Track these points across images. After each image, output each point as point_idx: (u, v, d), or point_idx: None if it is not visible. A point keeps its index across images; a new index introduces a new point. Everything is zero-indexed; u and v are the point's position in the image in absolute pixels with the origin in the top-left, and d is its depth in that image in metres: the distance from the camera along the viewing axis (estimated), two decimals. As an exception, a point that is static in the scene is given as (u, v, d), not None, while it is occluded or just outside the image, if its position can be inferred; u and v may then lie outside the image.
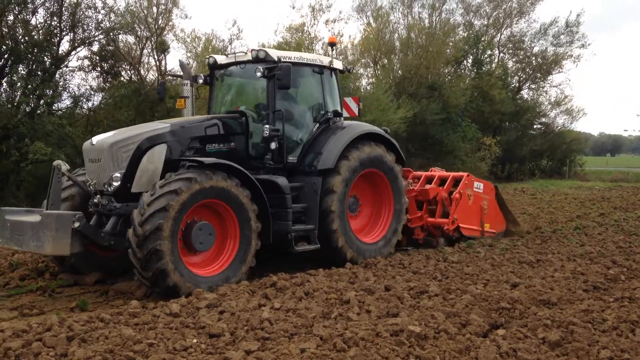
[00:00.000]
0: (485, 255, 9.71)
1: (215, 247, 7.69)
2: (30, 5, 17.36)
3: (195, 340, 5.27)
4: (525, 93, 37.38)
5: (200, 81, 9.68)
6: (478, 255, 9.73)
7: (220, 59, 9.54)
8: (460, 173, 11.80)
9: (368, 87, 29.41)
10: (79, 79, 29.74)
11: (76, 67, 19.49)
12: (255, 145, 8.93)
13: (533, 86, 37.17)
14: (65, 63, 18.72)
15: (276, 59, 8.76)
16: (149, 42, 21.01)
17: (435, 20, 30.55)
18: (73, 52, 18.82)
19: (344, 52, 27.59)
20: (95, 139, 7.92)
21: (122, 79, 20.70)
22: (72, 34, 18.27)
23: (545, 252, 10.13)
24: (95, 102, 20.04)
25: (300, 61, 9.28)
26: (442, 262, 9.20)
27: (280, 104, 8.94)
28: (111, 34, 19.15)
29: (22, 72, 17.48)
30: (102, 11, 18.61)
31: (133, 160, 7.64)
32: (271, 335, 5.45)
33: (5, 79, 17.30)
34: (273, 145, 8.67)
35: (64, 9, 17.80)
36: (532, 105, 36.28)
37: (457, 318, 5.91)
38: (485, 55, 33.88)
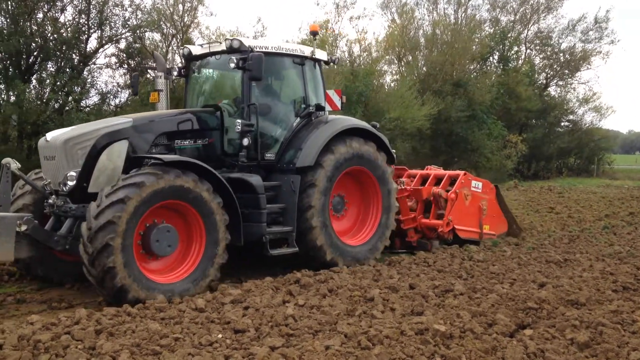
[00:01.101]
0: (511, 254, 9.59)
1: (179, 251, 7.14)
2: (59, 3, 17.63)
3: (220, 336, 5.30)
4: (552, 90, 36.89)
5: (175, 73, 9.25)
6: (504, 254, 9.62)
7: (196, 50, 8.98)
8: (457, 172, 11.15)
9: (392, 84, 29.29)
10: (107, 76, 30.09)
11: (103, 65, 19.75)
12: (231, 142, 8.40)
13: (560, 83, 36.66)
14: (93, 60, 18.98)
15: (254, 49, 8.21)
16: (174, 39, 21.18)
17: (461, 16, 30.31)
18: (100, 50, 19.08)
19: (368, 48, 27.50)
20: (50, 135, 7.40)
21: (148, 76, 20.92)
22: (99, 31, 18.51)
23: (573, 252, 9.98)
24: (122, 99, 20.28)
25: (277, 51, 8.65)
26: (468, 260, 9.11)
27: (256, 97, 8.41)
28: (138, 31, 19.35)
29: (51, 69, 17.77)
30: (129, 9, 18.82)
31: (90, 158, 7.08)
32: (295, 331, 5.45)
33: (34, 76, 17.60)
34: (246, 142, 8.07)
35: (91, 6, 18.04)
36: (560, 103, 35.76)
37: (483, 317, 5.84)
38: (512, 52, 33.46)
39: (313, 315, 5.96)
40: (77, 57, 18.13)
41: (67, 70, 17.63)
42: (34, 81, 17.66)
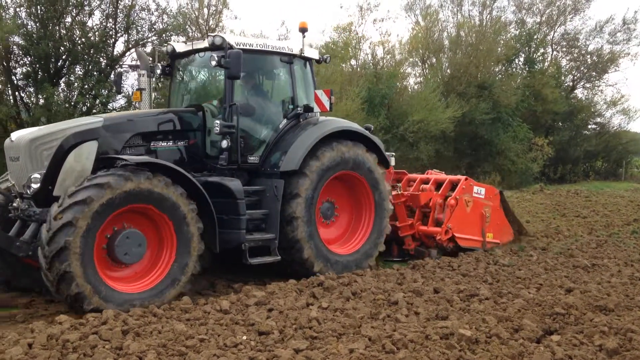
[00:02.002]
0: (537, 259, 9.46)
1: (147, 258, 6.73)
2: (87, 8, 17.94)
3: (245, 337, 5.33)
4: (579, 92, 36.30)
5: (158, 72, 8.76)
6: (530, 259, 9.50)
7: (180, 47, 8.60)
8: (458, 176, 10.68)
9: (416, 87, 29.17)
10: (133, 79, 30.60)
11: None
12: (213, 144, 8.01)
13: (588, 85, 36.06)
14: (120, 63, 19.27)
15: (234, 45, 7.78)
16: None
17: (486, 18, 30.01)
18: (127, 53, 19.35)
19: (391, 51, 27.45)
20: (15, 135, 7.11)
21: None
22: (126, 35, 18.79)
23: (601, 257, 9.81)
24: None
25: (262, 49, 8.24)
26: (493, 265, 9.02)
27: (239, 96, 8.11)
28: (164, 35, 19.59)
29: (79, 72, 18.08)
30: (155, 13, 19.06)
31: (56, 159, 6.70)
32: (319, 334, 5.46)
33: (63, 79, 17.94)
34: (225, 143, 7.70)
35: (119, 11, 18.32)
36: (587, 105, 35.18)
37: (509, 322, 5.78)
38: (538, 54, 33.05)
39: (337, 318, 5.96)
40: (105, 61, 18.41)
41: (95, 73, 17.93)
42: (63, 84, 18.00)
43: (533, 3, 33.84)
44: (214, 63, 7.56)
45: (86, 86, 17.55)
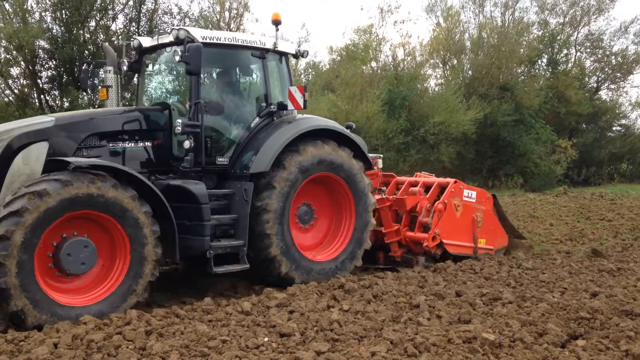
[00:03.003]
0: (562, 263, 9.33)
1: (99, 268, 6.26)
2: (110, 12, 18.22)
3: (266, 339, 5.33)
4: (603, 93, 35.88)
5: (125, 68, 8.23)
6: (554, 263, 9.37)
7: (146, 42, 8.07)
8: (447, 179, 10.01)
9: (436, 88, 29.05)
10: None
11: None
12: (180, 144, 7.46)
13: (612, 86, 35.66)
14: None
15: (200, 39, 7.28)
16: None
17: (508, 19, 29.80)
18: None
19: (412, 52, 27.37)
20: None
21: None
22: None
23: (627, 261, 9.63)
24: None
25: (231, 42, 7.72)
26: (516, 268, 8.91)
27: (207, 93, 7.76)
28: (186, 38, 19.77)
29: (103, 75, 18.34)
30: (178, 16, 19.31)
31: (2, 161, 6.21)
32: (341, 337, 5.44)
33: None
34: (187, 144, 7.18)
35: (142, 14, 18.59)
36: (611, 106, 34.75)
37: (533, 327, 5.70)
38: (561, 55, 32.74)
39: (358, 321, 5.94)
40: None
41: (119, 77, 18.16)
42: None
43: (556, 4, 33.58)
44: (177, 58, 7.11)
45: (110, 89, 17.77)
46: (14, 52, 17.02)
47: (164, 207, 6.54)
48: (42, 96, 17.94)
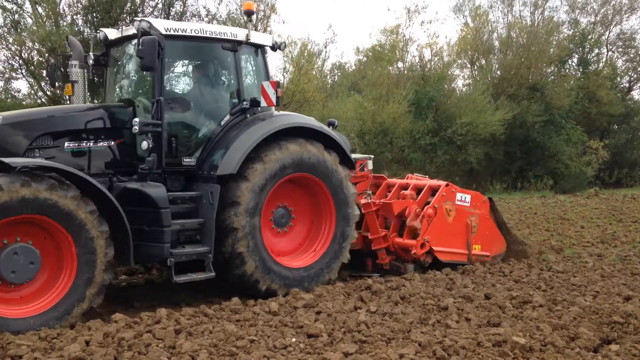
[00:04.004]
0: (593, 266, 9.15)
1: (42, 277, 5.82)
2: (140, 15, 18.46)
3: (294, 340, 5.35)
4: (636, 93, 35.27)
5: (91, 62, 7.67)
6: (585, 265, 9.19)
7: (112, 34, 7.60)
8: (439, 182, 9.45)
9: (464, 89, 28.79)
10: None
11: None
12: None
13: (645, 86, 34.77)
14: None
15: (163, 31, 6.83)
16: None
17: (538, 18, 29.38)
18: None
19: (439, 53, 27.18)
20: None
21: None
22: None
23: (661, 264, 9.40)
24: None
25: (198, 35, 7.18)
26: (546, 271, 8.77)
27: (172, 89, 7.30)
28: (213, 40, 19.96)
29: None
30: (205, 19, 19.46)
31: None
32: (368, 338, 5.42)
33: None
34: (145, 145, 6.75)
35: (170, 17, 18.78)
36: (644, 107, 33.94)
37: (564, 331, 5.60)
38: (592, 54, 32.15)
39: (385, 323, 5.92)
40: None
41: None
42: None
43: (587, 2, 32.96)
44: (133, 52, 6.59)
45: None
46: (47, 54, 17.37)
47: (115, 208, 6.07)
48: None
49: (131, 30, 7.19)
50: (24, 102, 18.44)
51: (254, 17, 7.68)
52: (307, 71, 21.54)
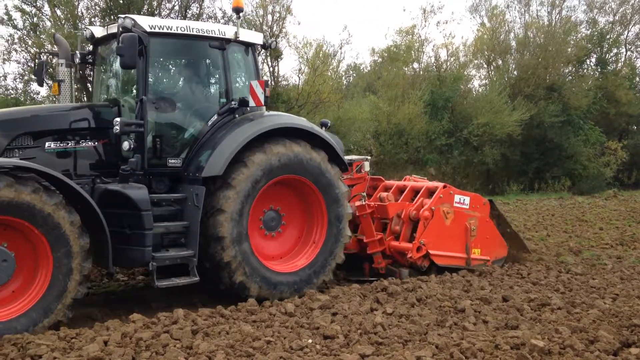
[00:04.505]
0: (613, 268, 9.05)
1: (18, 280, 5.64)
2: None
3: (310, 341, 5.34)
4: (656, 94, 34.53)
5: (77, 60, 7.48)
6: (605, 268, 9.09)
7: (98, 32, 7.42)
8: (436, 183, 9.19)
9: (480, 89, 28.61)
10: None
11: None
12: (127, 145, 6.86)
13: (665, 86, 34.25)
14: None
15: (147, 29, 6.65)
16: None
17: (555, 18, 29.10)
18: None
19: (455, 53, 27.04)
20: None
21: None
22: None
23: (683, 267, 9.26)
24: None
25: (184, 32, 6.97)
26: (565, 273, 8.68)
27: (157, 88, 7.18)
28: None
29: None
30: (222, 21, 19.55)
31: None
32: (385, 340, 5.41)
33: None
34: (126, 145, 6.63)
35: (187, 19, 18.90)
36: (664, 107, 33.41)
37: (584, 334, 5.54)
38: (611, 54, 31.75)
39: (402, 325, 5.89)
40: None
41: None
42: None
43: (605, 2, 32.55)
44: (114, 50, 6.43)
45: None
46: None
47: (95, 213, 5.90)
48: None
49: (115, 28, 6.97)
50: (42, 105, 18.68)
51: (242, 14, 7.48)
52: (322, 72, 21.53)
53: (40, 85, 8.40)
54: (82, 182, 6.36)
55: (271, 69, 22.10)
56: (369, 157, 9.60)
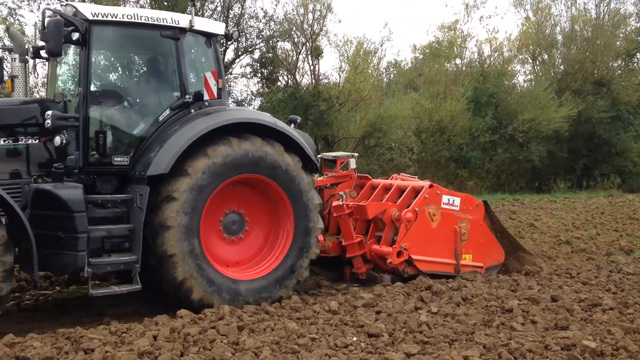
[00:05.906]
0: (667, 268, 8.73)
1: None
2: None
3: (355, 339, 5.34)
4: None
5: (30, 55, 7.10)
6: (658, 268, 8.78)
7: None
8: (422, 183, 8.45)
9: (525, 85, 28.03)
10: (242, 85, 31.99)
11: (239, 74, 20.86)
12: (73, 142, 6.42)
13: None
14: (230, 70, 20.10)
15: (90, 16, 6.21)
16: (304, 47, 21.85)
17: (603, 10, 28.21)
18: (237, 60, 20.17)
19: (499, 48, 26.57)
20: None
21: (279, 84, 21.75)
22: (236, 43, 19.59)
23: None
24: (255, 107, 21.29)
25: (131, 20, 6.47)
26: (616, 273, 8.43)
27: (101, 81, 6.76)
28: (271, 41, 20.20)
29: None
30: (263, 20, 19.73)
31: None
32: (430, 339, 5.36)
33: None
34: (58, 141, 6.18)
35: (229, 19, 19.13)
36: None
37: (638, 335, 5.38)
38: (663, 47, 30.56)
39: (448, 324, 5.82)
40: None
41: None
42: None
43: (657, -8, 31.35)
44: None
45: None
46: None
47: (15, 213, 5.49)
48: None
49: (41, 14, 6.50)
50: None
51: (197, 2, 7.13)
52: (362, 70, 21.46)
53: (1, 82, 7.72)
54: (23, 181, 6.12)
55: (312, 67, 22.18)
56: (356, 154, 9.07)
